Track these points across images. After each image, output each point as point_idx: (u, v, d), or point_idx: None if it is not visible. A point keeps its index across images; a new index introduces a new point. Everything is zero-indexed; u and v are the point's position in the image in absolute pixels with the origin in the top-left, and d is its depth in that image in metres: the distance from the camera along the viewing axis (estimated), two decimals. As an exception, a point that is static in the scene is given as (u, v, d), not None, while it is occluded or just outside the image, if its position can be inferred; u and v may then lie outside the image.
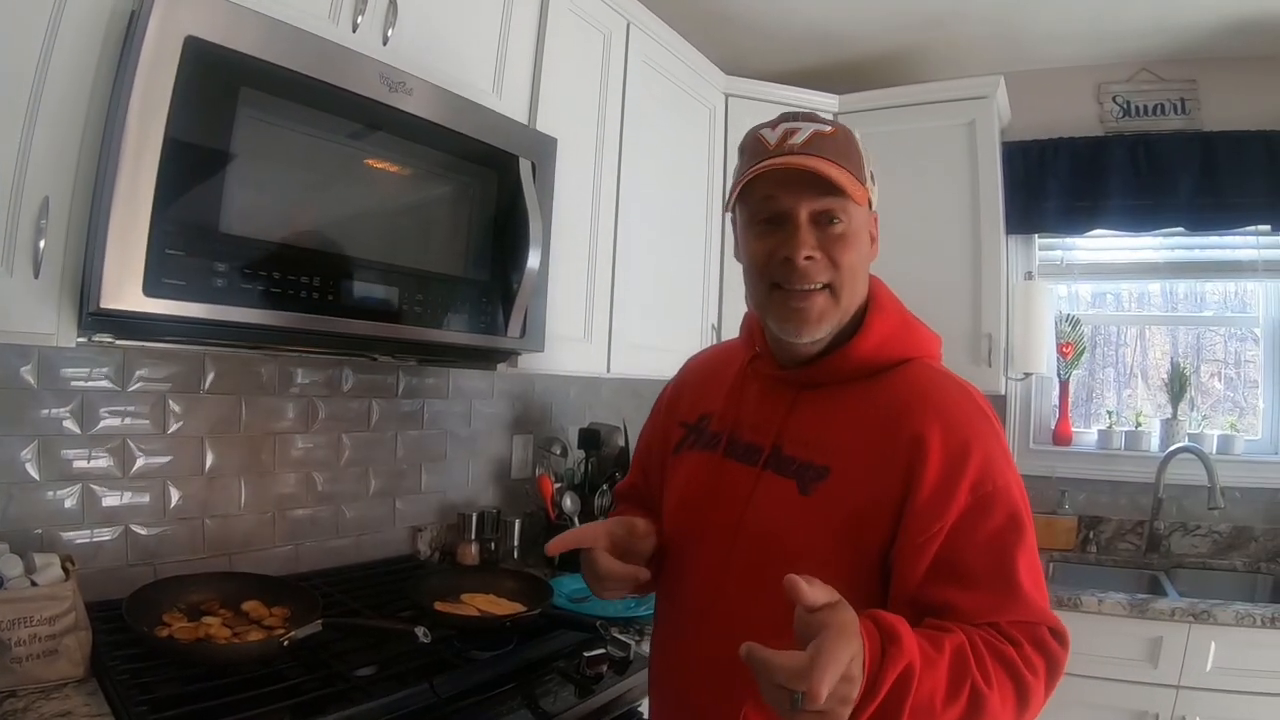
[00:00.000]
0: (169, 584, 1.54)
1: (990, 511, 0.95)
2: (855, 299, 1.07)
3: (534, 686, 1.52)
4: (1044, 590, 0.98)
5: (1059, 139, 3.08)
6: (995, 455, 0.98)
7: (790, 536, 1.02)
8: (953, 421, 0.99)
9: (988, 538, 0.95)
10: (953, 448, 0.97)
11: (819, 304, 1.04)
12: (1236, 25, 2.73)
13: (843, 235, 1.03)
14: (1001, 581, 0.94)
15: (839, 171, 1.00)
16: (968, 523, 0.95)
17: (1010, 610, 0.94)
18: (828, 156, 1.01)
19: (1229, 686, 2.18)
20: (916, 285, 1.27)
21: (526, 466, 2.66)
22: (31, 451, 1.52)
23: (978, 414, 1.02)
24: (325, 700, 1.30)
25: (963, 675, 0.86)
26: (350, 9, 1.56)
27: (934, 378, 1.07)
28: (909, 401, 1.02)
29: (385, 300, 1.54)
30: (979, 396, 1.06)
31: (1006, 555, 0.94)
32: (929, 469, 0.96)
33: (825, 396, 1.09)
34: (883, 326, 1.08)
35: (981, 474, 0.96)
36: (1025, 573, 0.95)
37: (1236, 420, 3.04)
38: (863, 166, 1.06)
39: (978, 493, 0.95)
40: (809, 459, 1.05)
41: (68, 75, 1.19)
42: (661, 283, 2.54)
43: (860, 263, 1.07)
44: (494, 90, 1.90)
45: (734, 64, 2.93)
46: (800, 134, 1.04)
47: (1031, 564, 0.96)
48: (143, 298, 1.18)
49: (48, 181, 1.18)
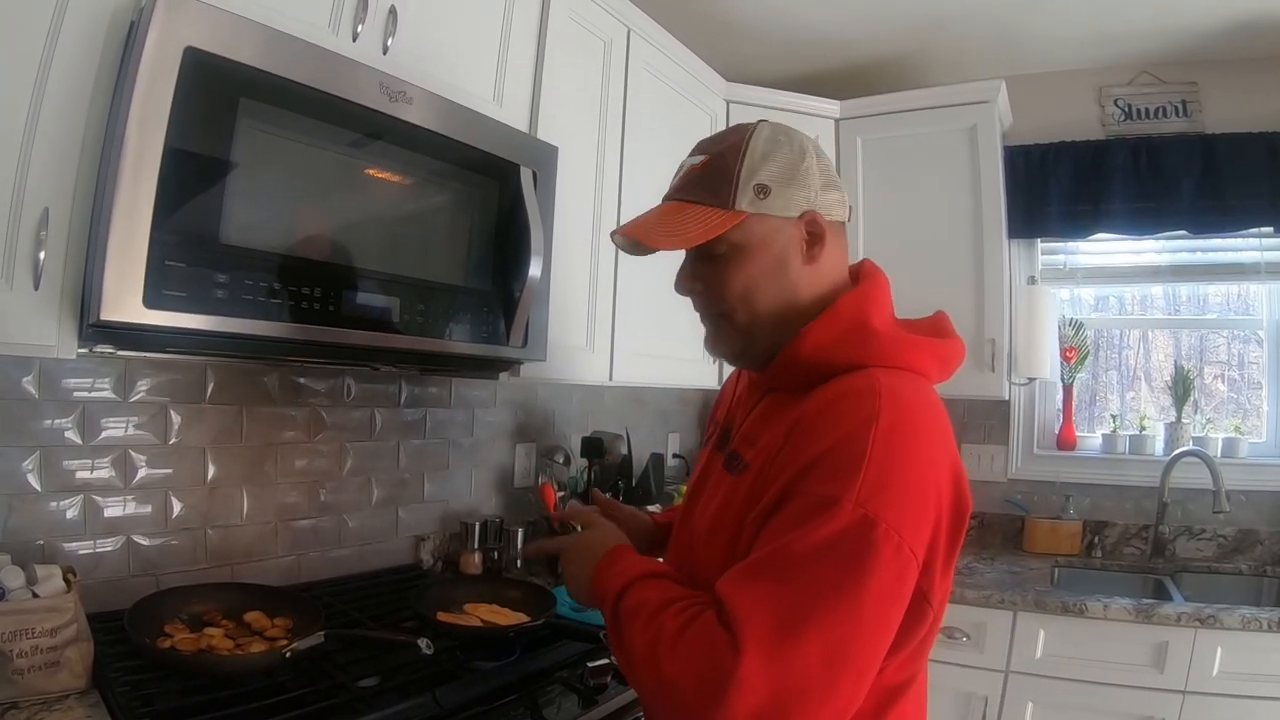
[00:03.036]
0: (171, 595, 1.53)
1: (788, 508, 0.87)
2: (761, 314, 1.06)
3: (537, 697, 1.51)
4: (780, 608, 0.81)
5: (1060, 143, 3.08)
6: (841, 461, 0.86)
7: (722, 530, 1.03)
8: (823, 414, 0.93)
9: (774, 526, 0.88)
10: (800, 435, 0.92)
11: (714, 330, 1.12)
12: (1237, 27, 2.73)
13: (723, 260, 1.06)
14: (747, 564, 0.87)
15: (669, 226, 1.04)
16: (771, 518, 0.89)
17: (724, 581, 0.86)
18: (682, 197, 1.06)
19: (1236, 691, 2.17)
20: (919, 290, 1.27)
21: (529, 475, 2.65)
22: (33, 462, 1.51)
23: (861, 417, 0.89)
24: (327, 712, 1.30)
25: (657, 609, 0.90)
26: (350, 19, 1.56)
27: (858, 381, 0.95)
28: (814, 398, 0.97)
29: (387, 310, 1.54)
30: (898, 413, 0.90)
31: (761, 541, 0.88)
32: (784, 447, 0.93)
33: (777, 400, 1.08)
34: (822, 333, 1.02)
35: (805, 470, 0.88)
36: (761, 569, 0.84)
37: (1241, 423, 3.03)
38: (732, 190, 1.03)
39: (799, 484, 0.87)
40: (744, 455, 1.06)
41: (67, 86, 1.20)
42: (663, 291, 2.48)
43: (756, 281, 1.05)
44: (494, 99, 1.90)
45: (735, 70, 2.94)
46: (679, 173, 1.10)
47: (779, 570, 0.83)
48: (143, 309, 1.18)
49: (47, 193, 1.18)
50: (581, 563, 1.06)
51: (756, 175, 1.04)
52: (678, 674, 0.83)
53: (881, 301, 1.08)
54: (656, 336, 2.49)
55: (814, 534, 0.83)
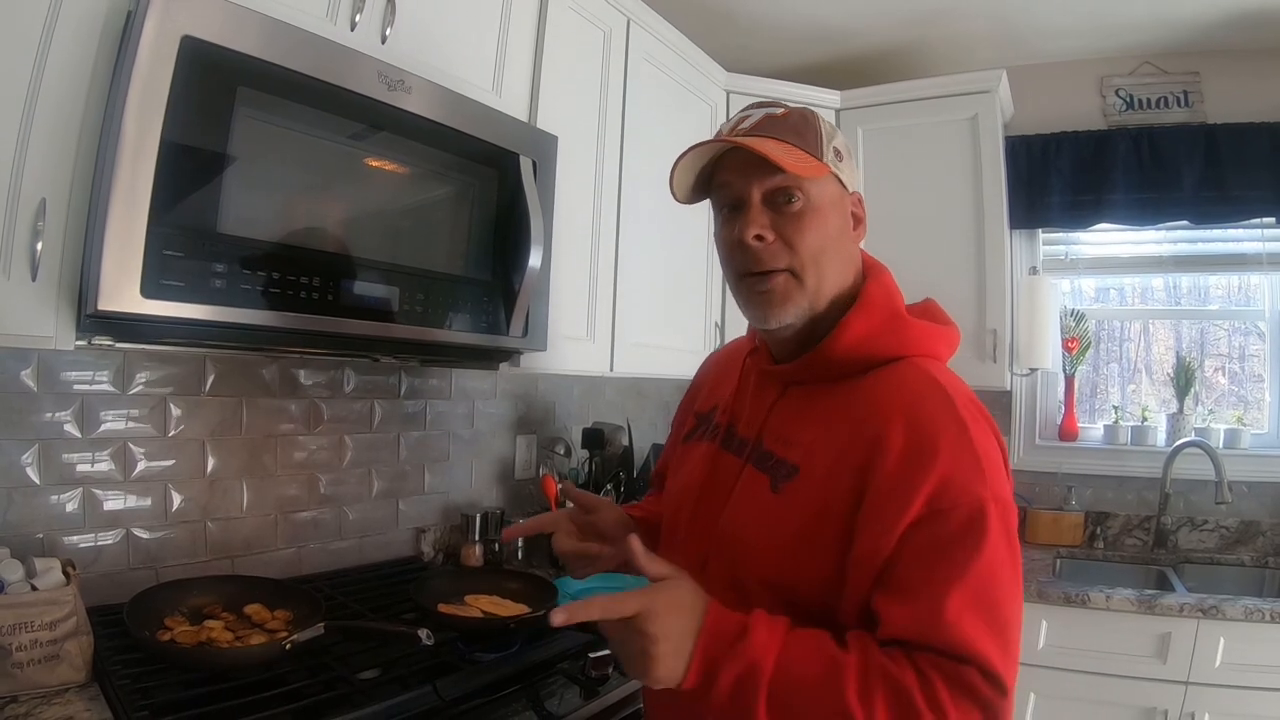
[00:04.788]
0: (170, 587, 1.53)
1: (942, 526, 0.87)
2: (825, 280, 1.03)
3: (539, 688, 1.51)
4: (995, 623, 0.86)
5: (1062, 133, 3.07)
6: (965, 465, 0.90)
7: (759, 535, 1.00)
8: (919, 424, 0.92)
9: (930, 553, 0.87)
10: (913, 453, 0.90)
11: (779, 286, 1.01)
12: (1238, 17, 2.72)
13: (800, 213, 1.00)
14: (928, 607, 0.85)
15: (782, 149, 0.97)
16: (916, 534, 0.87)
17: (930, 636, 0.84)
18: (774, 135, 0.99)
19: (1238, 682, 2.17)
20: (921, 281, 1.25)
21: (530, 467, 2.65)
22: (32, 455, 1.51)
23: (951, 420, 0.93)
24: (328, 704, 1.29)
25: (835, 693, 0.83)
26: (348, 7, 1.55)
27: (915, 377, 0.99)
28: (879, 401, 0.97)
29: (386, 300, 1.53)
30: (963, 401, 0.96)
31: (943, 578, 0.86)
32: (885, 475, 0.90)
33: (808, 394, 1.06)
34: (862, 324, 1.02)
35: (942, 485, 0.88)
36: (964, 600, 0.85)
37: (1242, 414, 3.02)
38: (819, 142, 1.02)
39: (934, 505, 0.88)
40: (784, 456, 1.02)
41: (64, 75, 1.19)
42: (664, 281, 2.53)
43: (828, 243, 1.02)
44: (494, 88, 1.89)
45: (735, 60, 2.92)
46: (750, 119, 1.03)
47: (977, 592, 0.86)
48: (141, 299, 1.17)
49: (44, 183, 1.17)
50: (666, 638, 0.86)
51: (834, 138, 1.04)
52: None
53: (899, 291, 1.09)
54: (657, 327, 2.48)
55: (986, 547, 0.87)
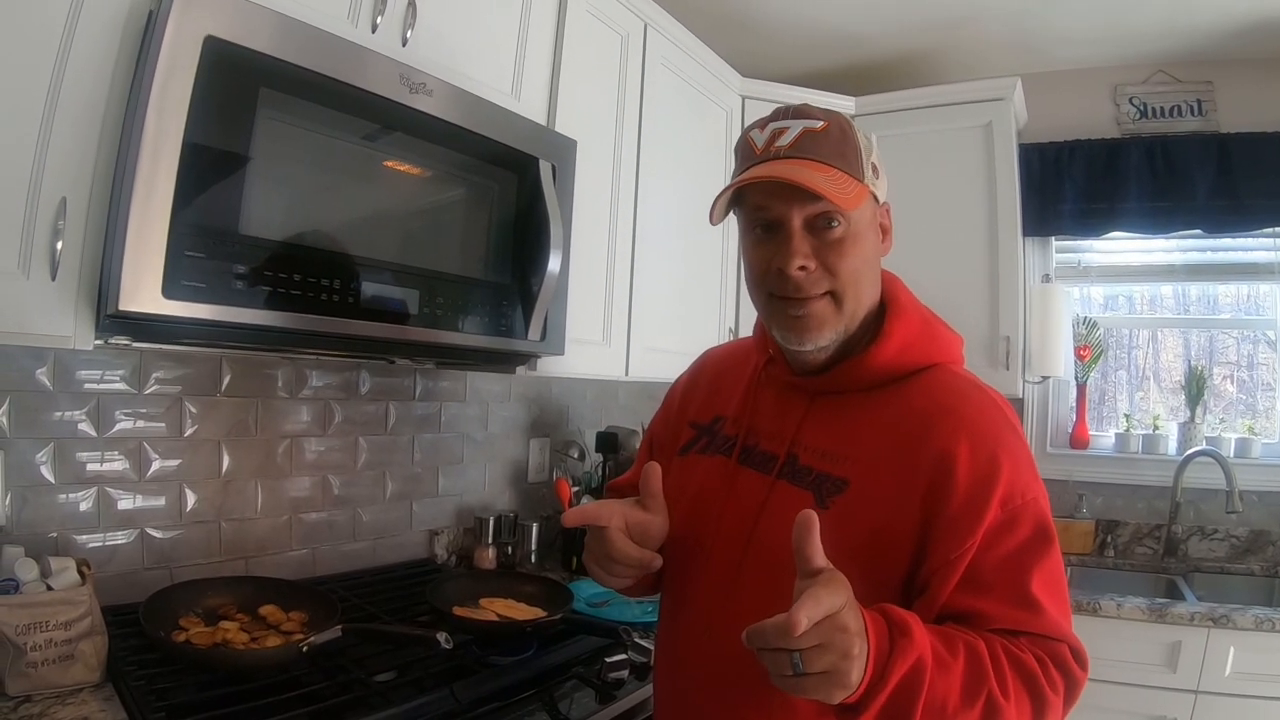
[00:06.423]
0: (185, 588, 1.53)
1: (1017, 526, 0.93)
2: (862, 303, 1.02)
3: (554, 692, 1.50)
4: (1066, 607, 0.95)
5: (1075, 141, 3.06)
6: (1023, 467, 0.96)
7: (856, 551, 0.95)
8: (980, 436, 0.95)
9: (1011, 552, 0.92)
10: (981, 464, 0.93)
11: (818, 311, 1.00)
12: (1252, 27, 2.71)
13: (841, 240, 0.98)
14: (1019, 597, 0.91)
15: (827, 177, 0.95)
16: (994, 537, 0.92)
17: (1031, 625, 0.91)
18: (817, 158, 0.96)
19: (1248, 691, 2.16)
20: (933, 288, 1.24)
21: (544, 470, 2.65)
22: (47, 454, 1.51)
23: (1005, 425, 0.98)
24: (344, 707, 1.29)
25: (979, 681, 0.84)
26: (370, 9, 1.55)
27: (961, 387, 1.02)
28: (934, 414, 0.97)
29: (404, 303, 1.53)
30: (1004, 404, 1.02)
31: (1026, 571, 0.92)
32: (957, 487, 0.92)
33: (843, 404, 1.05)
34: (904, 332, 1.03)
35: (1010, 488, 0.93)
36: (1046, 588, 0.92)
37: (1253, 424, 3.01)
38: (859, 160, 1.00)
39: (1007, 507, 0.92)
40: (827, 470, 1.01)
41: (85, 75, 1.18)
42: (679, 286, 2.53)
43: (865, 265, 1.01)
44: (513, 92, 1.89)
45: (750, 66, 2.92)
46: (788, 134, 0.98)
47: (1053, 580, 0.94)
48: (161, 299, 1.17)
49: (65, 182, 1.17)
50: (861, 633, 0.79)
51: (871, 153, 1.02)
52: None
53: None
54: (672, 332, 2.48)
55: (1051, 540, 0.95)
